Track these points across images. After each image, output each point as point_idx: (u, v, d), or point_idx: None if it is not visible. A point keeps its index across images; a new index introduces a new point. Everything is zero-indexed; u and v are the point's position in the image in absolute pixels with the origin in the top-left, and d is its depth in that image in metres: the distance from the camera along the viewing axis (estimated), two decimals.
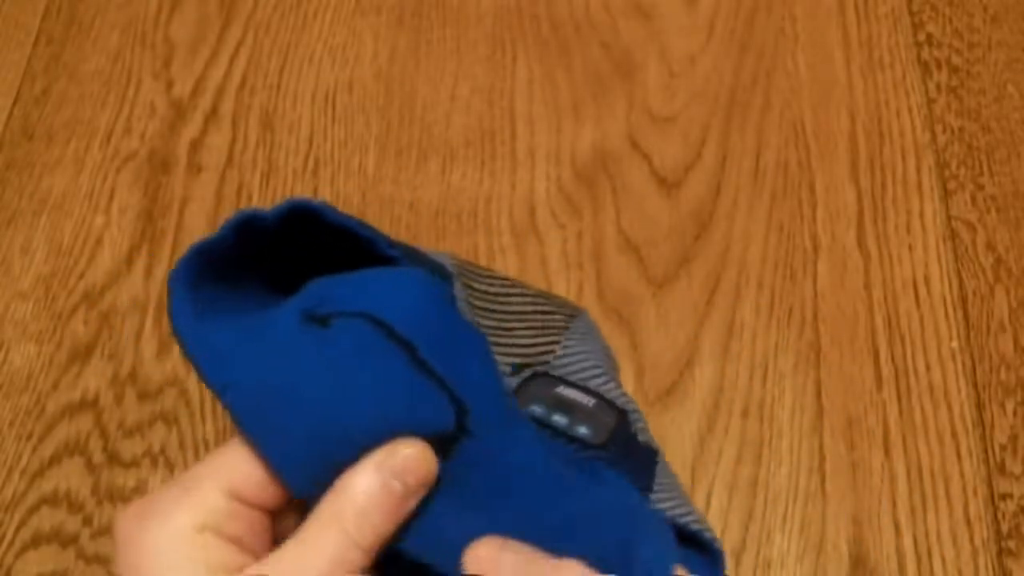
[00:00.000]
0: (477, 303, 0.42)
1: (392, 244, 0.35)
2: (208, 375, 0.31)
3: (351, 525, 0.30)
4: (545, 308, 0.45)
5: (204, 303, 0.33)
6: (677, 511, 0.37)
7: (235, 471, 0.31)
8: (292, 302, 0.32)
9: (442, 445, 0.31)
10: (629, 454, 0.39)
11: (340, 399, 0.30)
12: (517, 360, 0.43)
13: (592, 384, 0.42)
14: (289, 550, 0.30)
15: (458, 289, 0.39)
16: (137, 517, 0.30)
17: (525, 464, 0.32)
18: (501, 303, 0.43)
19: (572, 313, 0.45)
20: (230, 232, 0.33)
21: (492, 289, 0.44)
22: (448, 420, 0.31)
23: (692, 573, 0.32)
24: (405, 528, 0.31)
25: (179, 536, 0.30)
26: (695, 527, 0.37)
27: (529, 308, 0.44)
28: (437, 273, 0.37)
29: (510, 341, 0.43)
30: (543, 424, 0.37)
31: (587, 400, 0.40)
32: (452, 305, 0.35)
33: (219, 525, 0.30)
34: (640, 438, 0.40)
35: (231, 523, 0.30)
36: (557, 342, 0.43)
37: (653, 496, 0.37)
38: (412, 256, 0.37)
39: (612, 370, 0.44)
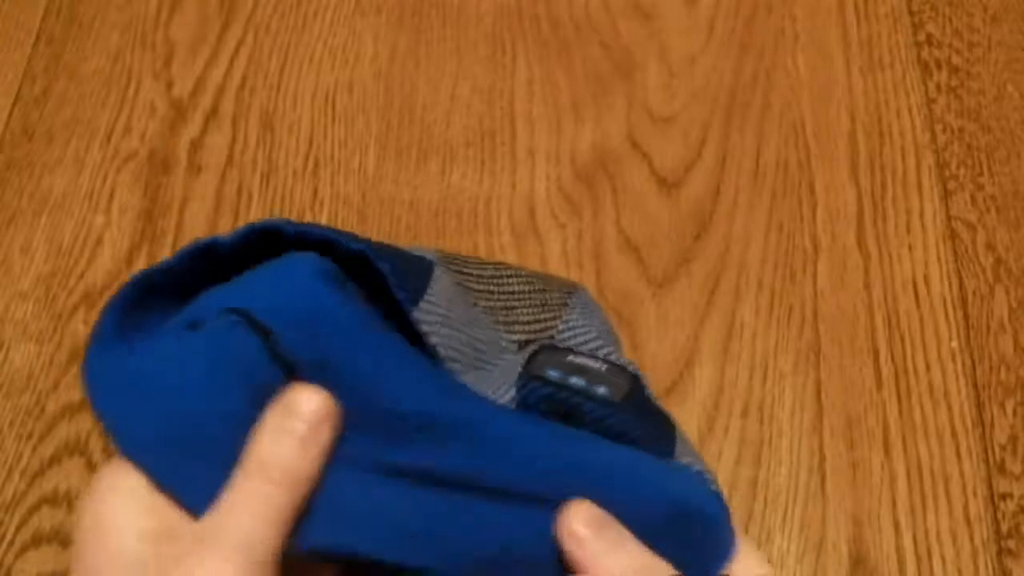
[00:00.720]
0: (473, 286, 0.42)
1: (356, 239, 0.36)
2: (94, 403, 0.32)
3: (267, 475, 0.30)
4: (542, 287, 0.45)
5: (132, 326, 0.33)
6: (697, 467, 0.37)
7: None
8: (182, 313, 0.33)
9: None
10: (649, 414, 0.38)
11: (192, 397, 0.31)
12: (522, 337, 0.43)
13: (599, 354, 0.42)
14: (215, 512, 0.30)
15: (439, 274, 0.39)
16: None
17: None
18: (497, 285, 0.44)
19: (570, 291, 0.46)
20: (185, 257, 0.33)
21: (486, 274, 0.44)
22: None
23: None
24: (353, 527, 0.31)
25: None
26: (705, 477, 0.36)
27: (526, 288, 0.44)
28: (412, 264, 0.38)
29: (514, 319, 0.43)
30: (560, 386, 0.37)
31: (599, 365, 0.39)
32: (339, 286, 0.34)
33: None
34: (654, 402, 0.40)
35: None
36: (558, 317, 0.44)
37: (675, 451, 0.37)
38: (381, 249, 0.38)
39: (615, 344, 0.44)
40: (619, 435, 0.36)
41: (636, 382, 0.39)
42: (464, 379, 0.37)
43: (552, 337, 0.43)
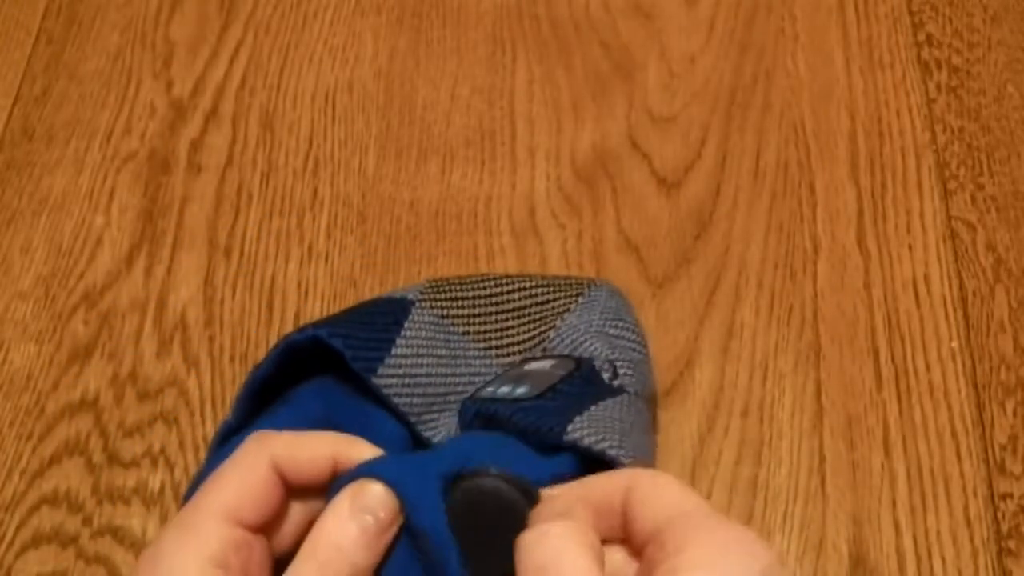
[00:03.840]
0: (466, 311, 0.46)
1: (317, 324, 0.43)
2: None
3: (325, 561, 0.30)
4: (545, 297, 0.47)
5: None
6: (590, 439, 0.39)
7: (229, 495, 0.32)
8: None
9: None
10: (571, 395, 0.41)
11: None
12: (516, 357, 0.45)
13: (578, 350, 0.45)
14: None
15: (416, 315, 0.44)
16: (146, 564, 0.31)
17: None
18: (495, 304, 0.46)
19: (579, 292, 0.47)
20: (243, 402, 0.42)
21: (484, 292, 0.46)
22: None
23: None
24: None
25: None
26: (601, 447, 0.39)
27: (527, 302, 0.47)
28: (379, 319, 0.44)
29: (508, 340, 0.46)
30: (486, 400, 0.42)
31: (545, 364, 0.44)
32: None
33: (225, 558, 0.30)
34: (616, 382, 0.43)
35: (234, 554, 0.31)
36: (554, 327, 0.46)
37: (569, 427, 0.40)
38: (347, 316, 0.45)
39: (620, 327, 0.46)
40: (525, 424, 0.39)
41: (579, 367, 0.43)
42: (431, 426, 0.42)
43: (544, 349, 0.45)
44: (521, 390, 0.41)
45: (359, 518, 0.31)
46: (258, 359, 0.51)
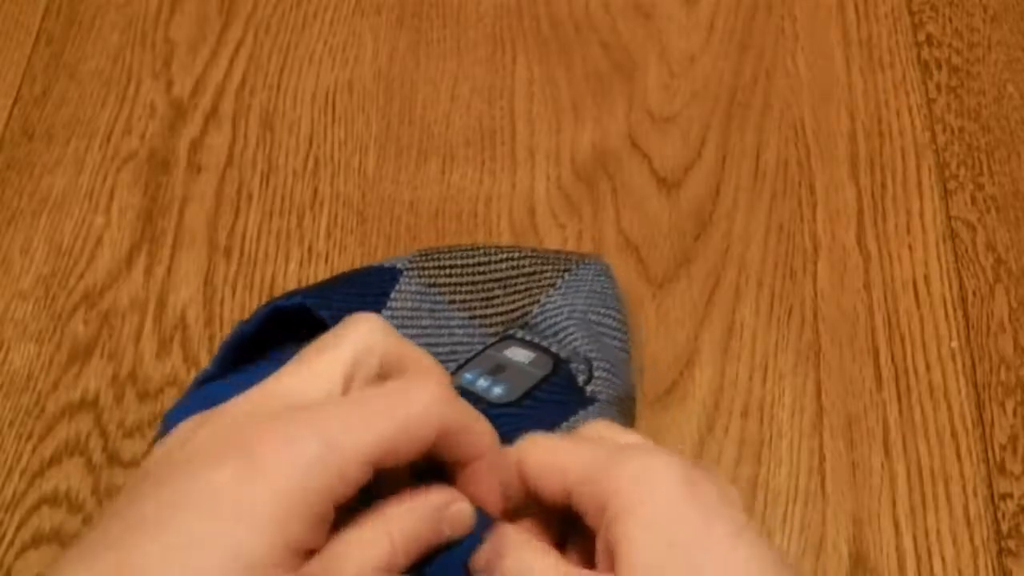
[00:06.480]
0: (453, 280, 0.47)
1: (307, 292, 0.44)
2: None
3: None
4: (532, 268, 0.48)
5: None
6: None
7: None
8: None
9: None
10: (547, 403, 0.43)
11: None
12: (500, 328, 0.47)
13: (559, 336, 0.46)
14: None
15: (404, 285, 0.46)
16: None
17: None
18: (481, 273, 0.48)
19: (567, 267, 0.48)
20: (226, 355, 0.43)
21: (472, 261, 0.48)
22: None
23: None
24: None
25: None
26: None
27: (512, 272, 0.48)
28: (368, 289, 0.45)
29: (493, 310, 0.47)
30: (464, 391, 0.42)
31: (526, 356, 0.44)
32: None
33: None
34: (589, 388, 0.44)
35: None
36: (537, 301, 0.46)
37: None
38: (334, 284, 0.46)
39: (603, 313, 0.47)
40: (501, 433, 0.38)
41: (557, 369, 0.43)
42: None
43: (527, 323, 0.45)
44: (498, 390, 0.42)
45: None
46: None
